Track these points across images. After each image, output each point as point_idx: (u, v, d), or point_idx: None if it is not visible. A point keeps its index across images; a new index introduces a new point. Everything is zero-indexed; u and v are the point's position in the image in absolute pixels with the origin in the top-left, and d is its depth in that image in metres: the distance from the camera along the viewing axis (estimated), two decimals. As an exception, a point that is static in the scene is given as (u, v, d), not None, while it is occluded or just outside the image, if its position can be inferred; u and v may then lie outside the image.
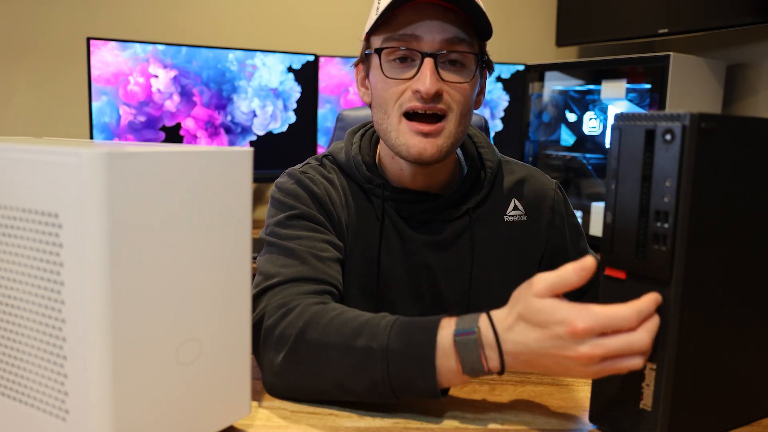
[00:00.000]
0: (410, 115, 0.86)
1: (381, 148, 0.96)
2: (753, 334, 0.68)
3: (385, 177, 0.96)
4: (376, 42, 0.89)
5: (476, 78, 0.89)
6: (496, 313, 0.65)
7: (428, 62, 0.83)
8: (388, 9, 0.84)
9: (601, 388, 0.67)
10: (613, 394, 0.65)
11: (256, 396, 0.74)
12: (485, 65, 0.92)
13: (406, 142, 0.86)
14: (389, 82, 0.86)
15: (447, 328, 0.66)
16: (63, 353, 0.52)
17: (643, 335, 0.58)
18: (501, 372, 0.64)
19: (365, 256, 0.94)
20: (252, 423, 0.67)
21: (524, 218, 0.98)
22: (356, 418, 0.69)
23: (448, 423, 0.69)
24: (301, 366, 0.71)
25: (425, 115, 0.85)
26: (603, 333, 0.58)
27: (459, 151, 1.00)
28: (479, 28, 0.86)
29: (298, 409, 0.71)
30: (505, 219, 0.98)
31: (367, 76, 0.94)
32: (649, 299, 0.59)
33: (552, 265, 0.99)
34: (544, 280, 0.61)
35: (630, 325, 0.57)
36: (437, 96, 0.84)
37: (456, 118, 0.86)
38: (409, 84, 0.85)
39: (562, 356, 0.59)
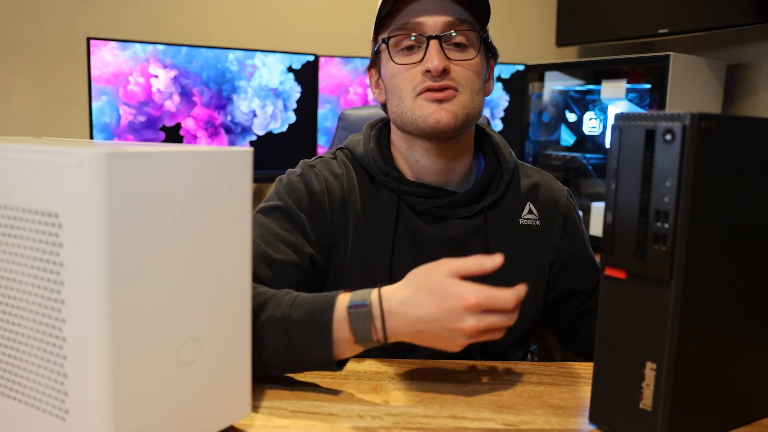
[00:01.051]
0: (423, 93, 0.89)
1: (397, 140, 0.97)
2: (753, 333, 0.68)
3: (400, 172, 0.96)
4: (384, 35, 0.93)
5: (482, 57, 0.92)
6: (386, 289, 0.72)
7: (433, 43, 0.88)
8: (388, 3, 0.89)
9: (601, 388, 0.67)
10: (613, 394, 0.65)
11: (256, 396, 0.74)
12: (490, 52, 0.96)
13: (422, 113, 0.88)
14: (400, 68, 0.90)
15: (342, 301, 0.73)
16: (63, 353, 0.52)
17: (509, 318, 0.69)
18: (385, 342, 0.72)
19: (375, 251, 0.93)
20: (252, 423, 0.67)
21: (538, 222, 0.99)
22: (356, 419, 0.69)
23: (448, 423, 0.69)
24: None
25: (438, 90, 0.88)
26: (487, 310, 0.68)
27: (479, 153, 1.01)
28: (478, 10, 0.91)
29: (298, 409, 0.71)
30: (520, 222, 0.98)
31: (379, 74, 0.97)
32: (521, 288, 0.69)
33: (561, 271, 1.00)
34: (446, 261, 0.71)
35: (509, 306, 0.68)
36: (445, 72, 0.88)
37: (468, 93, 0.90)
38: (419, 67, 0.89)
39: (451, 328, 0.68)
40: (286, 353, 0.73)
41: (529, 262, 0.98)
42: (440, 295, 0.68)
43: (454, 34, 0.89)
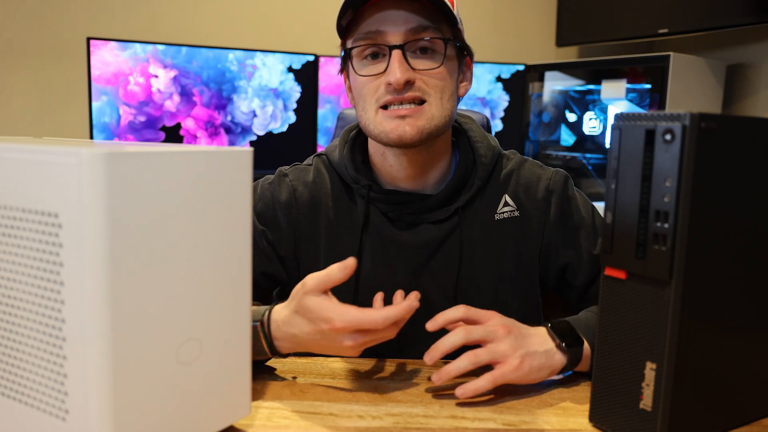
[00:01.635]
0: (387, 108, 0.87)
1: (371, 146, 0.95)
2: (753, 333, 0.68)
3: (375, 177, 0.95)
4: (349, 44, 0.90)
5: (451, 63, 0.89)
6: (276, 309, 0.76)
7: (395, 54, 0.84)
8: (347, 6, 0.84)
9: (601, 388, 0.67)
10: (613, 394, 0.65)
11: (256, 396, 0.74)
12: (464, 51, 0.92)
13: (384, 128, 0.86)
14: (363, 79, 0.88)
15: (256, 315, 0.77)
16: (63, 353, 0.52)
17: (389, 333, 0.71)
18: (273, 354, 0.76)
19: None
20: (252, 423, 0.67)
21: (516, 213, 0.95)
22: (356, 419, 0.69)
23: (448, 423, 0.69)
24: None
25: (402, 104, 0.86)
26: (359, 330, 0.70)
27: (455, 151, 0.98)
28: (447, 13, 0.86)
29: (298, 408, 0.71)
30: (496, 217, 0.95)
31: (348, 79, 0.94)
32: (400, 308, 0.70)
33: (555, 253, 0.96)
34: (313, 278, 0.71)
35: (377, 327, 0.69)
36: (408, 84, 0.85)
37: (437, 102, 0.86)
38: (382, 78, 0.86)
39: (330, 345, 0.72)
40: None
41: (511, 256, 0.95)
42: (311, 318, 0.71)
43: (425, 39, 0.85)
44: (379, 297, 0.83)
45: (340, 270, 0.70)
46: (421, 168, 0.92)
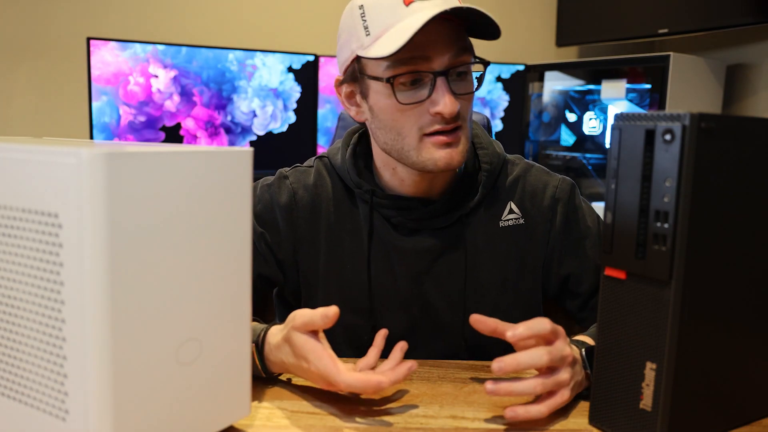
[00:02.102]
0: (429, 135, 0.83)
1: (379, 159, 0.92)
2: (753, 333, 0.68)
3: (377, 183, 0.93)
4: (376, 66, 0.83)
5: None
6: (271, 331, 0.77)
7: (441, 82, 0.81)
8: (405, 37, 0.77)
9: (601, 388, 0.67)
10: (613, 394, 0.65)
11: (256, 396, 0.74)
12: (483, 64, 0.89)
13: (431, 156, 0.83)
14: (404, 107, 0.82)
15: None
16: (63, 353, 0.52)
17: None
18: (266, 374, 0.77)
19: (351, 263, 0.92)
20: (252, 423, 0.67)
21: (521, 221, 0.94)
22: (357, 418, 0.69)
23: (448, 423, 0.69)
24: None
25: (446, 132, 0.83)
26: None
27: None
28: (479, 29, 0.84)
29: (298, 409, 0.71)
30: (501, 225, 0.93)
31: (359, 93, 0.88)
32: (368, 384, 0.68)
33: (550, 269, 0.95)
34: (302, 316, 0.71)
35: (338, 389, 0.70)
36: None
37: (467, 123, 0.86)
38: (425, 106, 0.82)
39: (312, 380, 0.72)
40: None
41: (514, 263, 0.94)
42: (296, 353, 0.72)
43: (466, 64, 0.83)
44: (381, 334, 0.81)
45: (321, 318, 0.69)
46: (432, 180, 0.90)
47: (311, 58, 2.22)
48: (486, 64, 0.86)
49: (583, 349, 0.75)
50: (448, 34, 0.81)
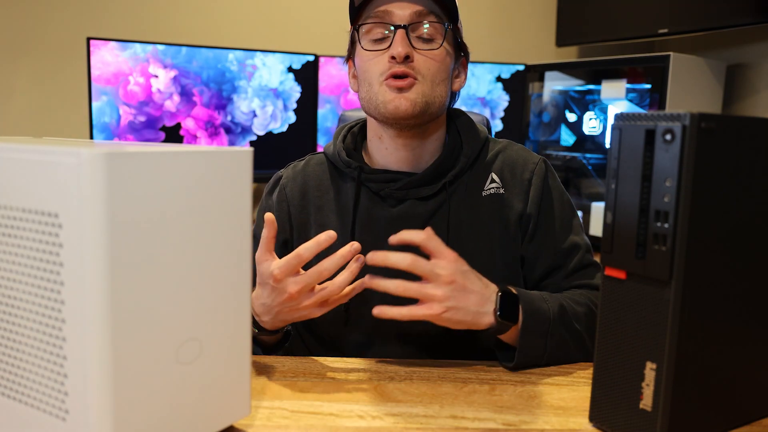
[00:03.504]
0: (387, 80, 0.94)
1: (370, 131, 1.02)
2: (753, 333, 0.68)
3: (367, 162, 1.02)
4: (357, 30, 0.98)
5: (447, 52, 0.97)
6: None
7: (399, 32, 0.93)
8: None
9: (601, 388, 0.67)
10: (613, 394, 0.65)
11: (256, 396, 0.74)
12: (462, 51, 1.02)
13: (384, 98, 0.94)
14: (369, 54, 0.95)
15: None
16: (63, 353, 0.52)
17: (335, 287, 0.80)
18: (261, 331, 0.86)
19: (341, 237, 0.97)
20: (252, 423, 0.67)
21: (501, 190, 1.00)
22: (356, 419, 0.69)
23: (448, 423, 0.69)
24: None
25: (399, 78, 0.93)
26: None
27: (446, 137, 1.03)
28: (449, 7, 0.96)
29: (298, 408, 0.71)
30: (483, 194, 0.99)
31: (354, 64, 1.02)
32: (344, 250, 0.79)
33: (527, 236, 0.99)
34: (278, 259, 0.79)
35: (303, 258, 0.78)
36: (408, 59, 0.93)
37: (428, 82, 0.94)
38: (386, 54, 0.94)
39: (290, 307, 0.80)
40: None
41: (498, 230, 0.98)
42: (264, 282, 0.81)
43: (426, 25, 0.94)
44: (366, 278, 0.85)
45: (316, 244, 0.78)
46: (414, 151, 0.99)
47: (311, 58, 2.22)
48: (443, 22, 0.96)
49: (499, 292, 0.83)
50: None
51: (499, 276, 0.96)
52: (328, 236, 0.79)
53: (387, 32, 0.95)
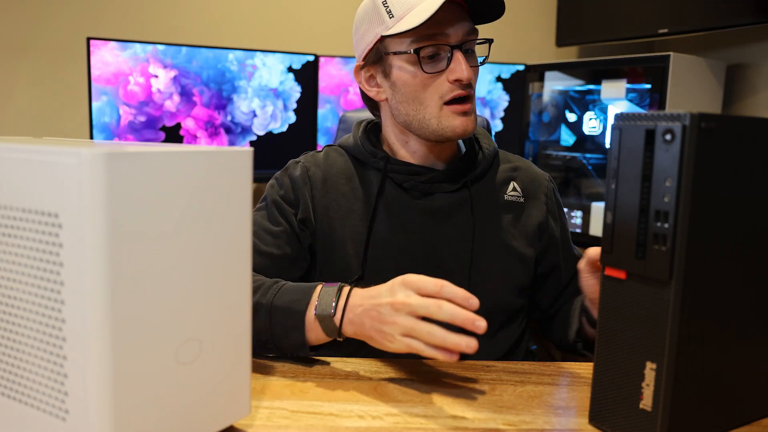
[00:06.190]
0: (449, 103, 0.95)
1: (392, 135, 1.03)
2: (753, 333, 0.68)
3: (390, 155, 1.02)
4: (400, 44, 0.95)
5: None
6: (357, 290, 0.81)
7: (458, 53, 0.93)
8: (425, 14, 0.90)
9: (601, 388, 0.67)
10: (613, 394, 0.65)
11: (256, 396, 0.74)
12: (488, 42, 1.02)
13: (450, 124, 0.95)
14: (427, 77, 0.94)
15: (323, 285, 0.84)
16: (63, 353, 0.52)
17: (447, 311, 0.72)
18: (339, 330, 0.80)
19: (362, 225, 0.99)
20: (252, 423, 0.67)
21: (522, 200, 1.05)
22: (356, 419, 0.69)
23: (448, 423, 0.69)
24: None
25: (462, 101, 0.95)
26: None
27: None
28: (484, 14, 0.96)
29: (298, 408, 0.71)
30: (505, 198, 1.04)
31: (381, 73, 0.99)
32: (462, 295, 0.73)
33: (544, 249, 1.06)
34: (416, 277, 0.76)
35: (435, 289, 0.74)
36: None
37: (474, 95, 0.98)
38: (444, 76, 0.94)
39: (386, 321, 0.75)
40: (267, 335, 0.84)
41: (517, 234, 1.03)
42: (397, 287, 0.76)
43: (473, 40, 0.95)
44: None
45: (463, 298, 0.73)
46: (439, 152, 1.02)
47: (311, 58, 2.22)
48: (490, 41, 0.99)
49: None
50: (460, 15, 0.94)
51: (518, 273, 1.03)
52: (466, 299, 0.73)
53: (442, 52, 0.93)
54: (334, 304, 0.80)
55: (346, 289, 0.81)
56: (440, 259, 0.99)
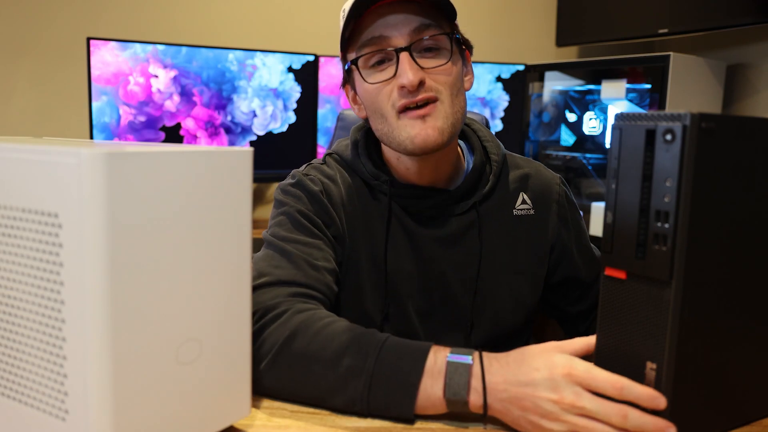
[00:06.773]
0: (404, 111, 0.86)
1: (385, 150, 0.96)
2: (753, 333, 0.68)
3: (391, 174, 0.96)
4: (351, 55, 0.90)
5: (456, 58, 0.89)
6: (488, 353, 0.68)
7: (404, 56, 0.84)
8: (350, 18, 0.85)
9: (601, 388, 0.67)
10: (613, 394, 0.65)
11: (256, 396, 0.74)
12: (464, 45, 0.92)
13: (408, 133, 0.85)
14: (373, 87, 0.87)
15: (440, 352, 0.68)
16: (63, 353, 0.52)
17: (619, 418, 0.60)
18: (484, 413, 0.65)
19: (373, 253, 0.94)
20: (252, 423, 0.67)
21: (532, 212, 0.99)
22: (356, 419, 0.69)
23: (449, 423, 0.68)
24: (283, 375, 0.72)
25: (418, 106, 0.85)
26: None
27: (463, 144, 1.01)
28: (444, 9, 0.87)
29: (298, 409, 0.71)
30: (514, 213, 0.98)
31: (353, 90, 0.94)
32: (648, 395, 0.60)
33: (559, 258, 1.02)
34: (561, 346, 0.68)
35: (607, 391, 0.61)
36: (421, 84, 0.84)
37: (448, 99, 0.86)
38: (393, 83, 0.85)
39: (548, 397, 0.62)
40: (364, 405, 0.68)
41: (526, 252, 0.99)
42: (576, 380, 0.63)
43: (425, 38, 0.85)
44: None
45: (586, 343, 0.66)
46: (435, 166, 0.93)
47: (311, 58, 2.22)
48: (448, 34, 0.87)
49: None
50: (408, 12, 0.84)
51: (525, 293, 0.99)
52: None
53: (388, 57, 0.86)
54: (465, 383, 0.65)
55: (477, 363, 0.66)
56: (446, 284, 0.95)
